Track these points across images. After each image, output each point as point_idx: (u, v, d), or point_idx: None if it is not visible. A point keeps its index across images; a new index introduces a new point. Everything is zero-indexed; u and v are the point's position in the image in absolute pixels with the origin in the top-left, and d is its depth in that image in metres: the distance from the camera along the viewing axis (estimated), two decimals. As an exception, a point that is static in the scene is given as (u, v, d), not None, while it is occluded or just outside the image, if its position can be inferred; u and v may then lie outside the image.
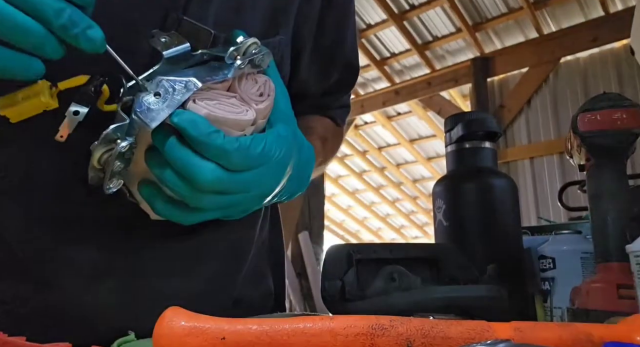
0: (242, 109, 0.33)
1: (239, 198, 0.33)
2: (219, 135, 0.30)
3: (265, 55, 0.35)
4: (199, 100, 0.32)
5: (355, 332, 0.27)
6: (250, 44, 0.34)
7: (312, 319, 0.28)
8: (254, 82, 0.35)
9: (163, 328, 0.28)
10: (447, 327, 0.27)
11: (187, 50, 0.34)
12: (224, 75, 0.33)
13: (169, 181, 0.32)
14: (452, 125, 0.55)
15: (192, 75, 0.32)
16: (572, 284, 0.46)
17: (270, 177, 0.34)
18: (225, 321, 0.29)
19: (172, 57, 0.33)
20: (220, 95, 0.33)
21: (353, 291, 0.37)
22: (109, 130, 0.31)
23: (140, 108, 0.31)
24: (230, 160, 0.31)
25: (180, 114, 0.30)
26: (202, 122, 0.30)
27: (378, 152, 4.77)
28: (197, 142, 0.30)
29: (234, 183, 0.32)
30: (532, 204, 3.17)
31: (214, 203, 0.33)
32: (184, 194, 0.32)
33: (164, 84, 0.32)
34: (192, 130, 0.30)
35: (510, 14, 3.22)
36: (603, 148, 0.42)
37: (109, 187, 0.32)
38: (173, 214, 0.34)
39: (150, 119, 0.31)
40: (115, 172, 0.31)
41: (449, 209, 0.52)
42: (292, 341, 0.27)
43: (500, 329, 0.27)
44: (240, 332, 0.28)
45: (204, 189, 0.31)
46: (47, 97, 0.30)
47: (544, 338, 0.26)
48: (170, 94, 0.31)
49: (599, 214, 0.42)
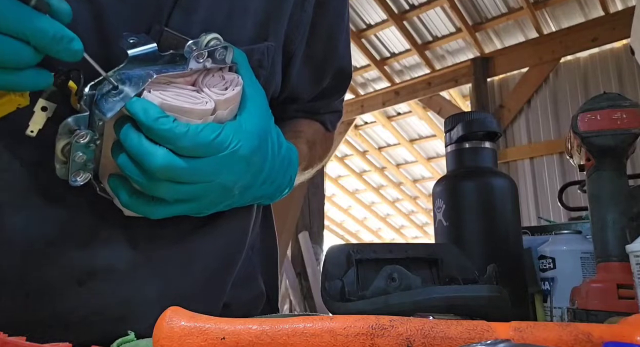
0: (202, 100, 0.34)
1: (199, 189, 0.33)
2: (167, 120, 0.31)
3: (227, 50, 0.35)
4: (154, 91, 0.33)
5: (355, 332, 0.27)
6: (210, 39, 0.34)
7: (312, 319, 0.28)
8: (220, 78, 0.36)
9: (163, 328, 0.28)
10: (447, 327, 0.27)
11: (153, 50, 0.35)
12: (182, 68, 0.34)
13: (125, 167, 0.32)
14: (452, 125, 0.55)
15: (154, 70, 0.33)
16: (572, 284, 0.46)
17: (227, 169, 0.34)
18: (225, 321, 0.29)
19: (137, 55, 0.34)
20: (179, 88, 0.34)
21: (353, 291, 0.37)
22: (68, 120, 0.31)
23: (99, 100, 0.32)
24: (178, 144, 0.31)
25: (133, 102, 0.32)
26: (152, 108, 0.31)
27: (378, 152, 4.77)
28: (147, 128, 0.31)
29: (186, 170, 0.32)
30: (532, 204, 3.17)
31: (172, 192, 0.33)
32: (140, 181, 0.32)
33: (121, 77, 0.33)
34: (142, 116, 0.31)
35: (510, 14, 3.22)
36: (603, 148, 0.42)
37: (74, 179, 0.32)
38: (138, 206, 0.34)
39: (107, 109, 0.32)
40: (78, 164, 0.32)
41: (449, 209, 0.52)
42: (292, 341, 0.27)
43: (500, 329, 0.27)
44: (240, 332, 0.28)
45: (156, 175, 0.32)
46: (19, 95, 0.31)
47: (544, 338, 0.26)
48: (127, 86, 0.32)
49: (599, 214, 0.42)
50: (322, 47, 0.51)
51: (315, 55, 0.51)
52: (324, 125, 0.57)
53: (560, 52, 3.16)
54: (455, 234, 0.51)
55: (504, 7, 3.22)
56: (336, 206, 5.67)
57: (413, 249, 0.41)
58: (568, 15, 3.15)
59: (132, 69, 0.34)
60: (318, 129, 0.56)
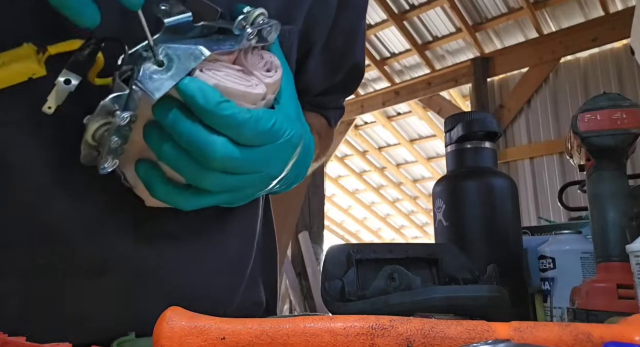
0: (252, 82, 0.31)
1: (248, 179, 0.31)
2: (229, 105, 0.28)
3: (274, 27, 0.32)
4: (207, 70, 0.29)
5: (355, 332, 0.27)
6: (257, 14, 0.31)
7: (312, 319, 0.28)
8: (259, 57, 0.32)
9: (163, 328, 0.28)
10: (447, 328, 0.27)
11: (188, 20, 0.31)
12: (231, 45, 0.30)
13: (171, 158, 0.29)
14: (452, 125, 0.55)
15: (196, 43, 0.30)
16: (572, 284, 0.46)
17: (280, 157, 0.32)
18: (225, 321, 0.29)
19: (173, 26, 0.30)
20: (227, 67, 0.31)
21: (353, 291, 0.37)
22: (107, 101, 0.27)
23: (142, 77, 0.28)
24: (241, 132, 0.28)
25: (188, 81, 0.28)
26: (211, 90, 0.28)
27: (378, 152, 4.77)
28: (206, 113, 0.28)
29: (244, 160, 0.29)
30: (532, 204, 3.17)
31: (221, 184, 0.30)
32: (188, 173, 0.29)
33: (167, 52, 0.29)
34: (200, 99, 0.27)
35: (510, 14, 3.22)
36: (603, 148, 0.42)
37: (103, 166, 0.28)
38: (173, 197, 0.31)
39: (153, 89, 0.27)
40: (112, 149, 0.28)
41: (448, 209, 0.52)
42: (292, 341, 0.27)
43: (500, 329, 0.27)
44: (240, 332, 0.28)
45: (212, 166, 0.29)
46: (34, 62, 0.27)
47: (544, 338, 0.26)
48: (175, 63, 0.28)
49: (599, 214, 0.42)
50: (341, 40, 0.49)
51: (334, 48, 0.49)
52: (327, 121, 0.56)
53: (560, 52, 3.16)
54: (455, 234, 0.51)
55: (504, 7, 3.22)
56: (336, 206, 5.67)
57: (413, 249, 0.41)
58: (568, 15, 3.15)
59: (171, 41, 0.29)
60: (323, 123, 0.55)
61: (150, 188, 0.31)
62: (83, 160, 0.29)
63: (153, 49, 0.28)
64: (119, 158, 0.29)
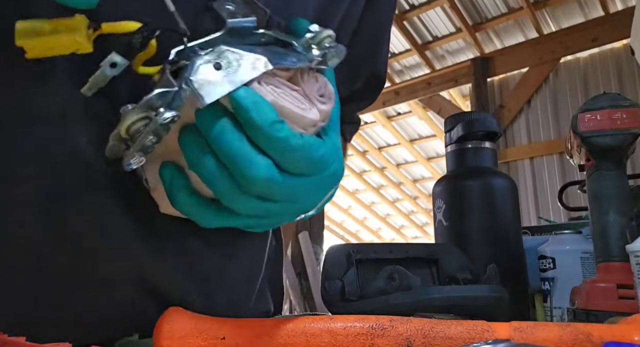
0: (307, 106, 0.28)
1: (280, 208, 0.28)
2: (283, 127, 0.25)
3: (339, 52, 0.30)
4: (265, 84, 0.27)
5: (355, 332, 0.27)
6: (325, 36, 0.29)
7: (312, 319, 0.28)
8: (314, 80, 0.30)
9: (163, 328, 0.28)
10: (447, 328, 0.27)
11: (252, 25, 0.28)
12: (292, 62, 0.28)
13: (206, 171, 0.26)
14: (452, 125, 0.55)
15: (258, 52, 0.27)
16: (572, 284, 0.46)
17: (320, 190, 0.29)
18: (225, 321, 0.29)
19: (235, 28, 0.28)
20: (284, 85, 0.28)
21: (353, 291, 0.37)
22: (153, 96, 0.25)
23: (195, 76, 0.25)
24: (290, 158, 0.26)
25: (244, 92, 0.25)
26: (267, 107, 0.25)
27: (378, 152, 4.77)
28: (258, 130, 0.25)
29: (284, 188, 0.27)
30: (532, 204, 3.17)
31: (252, 208, 0.28)
32: (222, 191, 0.27)
33: (227, 55, 0.26)
34: (255, 115, 0.25)
35: (510, 14, 3.22)
36: (603, 148, 0.42)
37: (129, 162, 0.26)
38: (195, 212, 0.29)
39: (205, 92, 0.25)
40: (144, 147, 0.25)
41: (449, 209, 0.52)
42: (292, 341, 0.27)
43: (500, 329, 0.27)
44: (240, 333, 0.28)
45: (249, 189, 0.26)
46: (83, 37, 0.24)
47: (544, 338, 0.26)
48: (234, 69, 0.26)
49: (599, 214, 0.42)
50: (363, 46, 0.47)
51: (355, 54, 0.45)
52: (343, 135, 0.54)
53: (560, 52, 3.16)
54: (455, 234, 0.51)
55: (504, 7, 3.22)
56: (336, 206, 5.67)
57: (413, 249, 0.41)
58: (568, 15, 3.15)
59: (228, 44, 0.27)
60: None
61: (172, 196, 0.29)
62: (108, 152, 0.27)
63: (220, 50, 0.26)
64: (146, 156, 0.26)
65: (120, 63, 0.26)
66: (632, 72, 2.94)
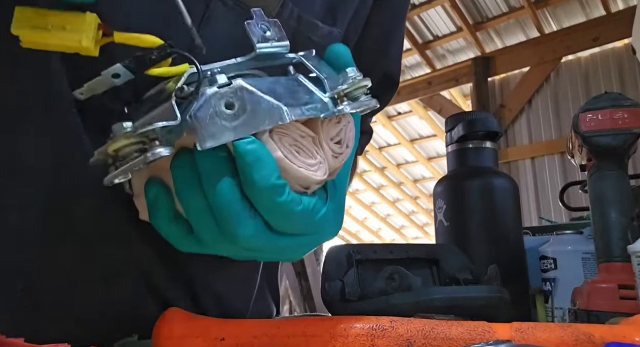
0: (317, 161, 0.25)
1: (263, 256, 0.28)
2: (283, 191, 0.24)
3: (370, 106, 0.26)
4: (276, 135, 0.24)
5: (355, 333, 0.27)
6: (362, 86, 0.26)
7: (312, 320, 0.28)
8: (336, 121, 0.27)
9: (163, 329, 0.28)
10: (447, 328, 0.27)
11: (284, 51, 0.26)
12: (315, 111, 0.24)
13: (193, 208, 0.25)
14: (453, 125, 0.55)
15: (276, 92, 0.24)
16: (574, 284, 0.46)
17: (310, 247, 0.28)
18: (225, 321, 0.29)
19: (264, 54, 0.25)
20: (296, 131, 0.25)
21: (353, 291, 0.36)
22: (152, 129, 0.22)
23: (201, 113, 0.23)
24: (284, 223, 0.25)
25: (249, 144, 0.23)
26: (269, 166, 0.23)
27: (378, 152, 4.77)
28: (255, 190, 0.23)
29: (271, 247, 0.26)
30: (533, 204, 3.17)
31: (232, 253, 0.27)
32: (205, 234, 0.26)
33: (244, 95, 0.23)
34: (255, 174, 0.23)
35: (511, 13, 3.22)
36: (604, 148, 0.41)
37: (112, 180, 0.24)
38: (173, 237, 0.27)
39: (207, 134, 0.22)
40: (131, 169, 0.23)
41: (449, 209, 0.52)
42: (292, 341, 0.27)
43: (500, 329, 0.27)
44: (240, 333, 0.28)
45: (233, 242, 0.25)
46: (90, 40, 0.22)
47: (545, 339, 0.26)
48: (247, 114, 0.23)
49: (601, 214, 0.42)
50: (372, 46, 0.44)
51: (363, 54, 0.44)
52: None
53: (562, 52, 3.16)
54: (456, 234, 0.51)
55: (505, 7, 3.22)
56: (337, 206, 5.67)
57: (414, 250, 0.41)
58: (569, 14, 3.14)
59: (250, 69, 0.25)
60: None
61: (152, 217, 0.27)
62: (92, 164, 0.25)
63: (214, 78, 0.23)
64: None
65: (123, 74, 0.24)
66: (634, 72, 2.93)
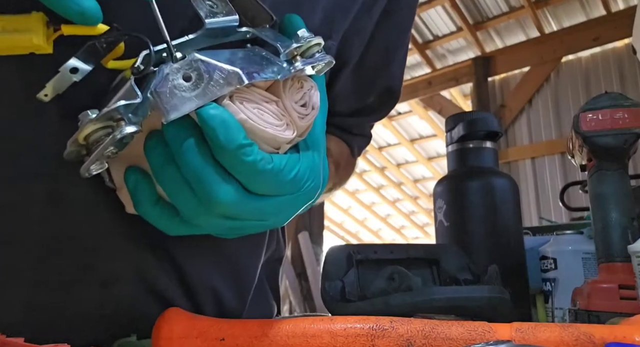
0: (283, 122, 0.26)
1: (247, 225, 0.28)
2: (252, 150, 0.24)
3: (327, 63, 0.28)
4: (237, 100, 0.25)
5: (355, 333, 0.27)
6: (314, 44, 0.27)
7: (312, 320, 0.28)
8: (299, 86, 0.28)
9: (162, 328, 0.28)
10: (447, 328, 0.27)
11: (233, 25, 0.26)
12: (273, 73, 0.26)
13: (170, 185, 0.26)
14: (453, 125, 0.55)
15: (233, 61, 0.25)
16: (574, 284, 0.46)
17: (292, 209, 0.28)
18: (225, 322, 0.29)
19: (214, 28, 0.26)
20: (260, 97, 0.26)
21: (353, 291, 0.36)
22: (114, 108, 0.23)
23: (161, 88, 0.24)
24: (257, 182, 0.25)
25: (212, 110, 0.24)
26: (235, 128, 0.24)
27: (378, 152, 4.77)
28: (224, 153, 0.24)
29: (251, 209, 0.26)
30: (533, 204, 3.17)
31: (215, 225, 0.27)
32: (185, 208, 0.26)
33: (199, 65, 0.24)
34: (222, 136, 0.24)
35: (512, 13, 3.21)
36: (605, 148, 0.41)
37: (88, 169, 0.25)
38: (158, 220, 0.28)
39: (170, 107, 0.24)
40: (103, 156, 0.24)
41: (449, 209, 0.52)
42: (292, 342, 0.27)
43: (501, 330, 0.26)
44: (240, 334, 0.28)
45: (212, 210, 0.26)
46: (40, 38, 0.23)
47: (545, 339, 0.25)
48: (205, 82, 0.24)
49: (601, 214, 0.42)
50: (375, 60, 0.45)
51: (366, 68, 0.45)
52: (351, 150, 0.52)
53: (562, 52, 3.16)
54: (456, 234, 0.51)
55: (505, 6, 3.22)
56: (336, 206, 5.67)
57: (414, 250, 0.41)
58: (569, 14, 3.14)
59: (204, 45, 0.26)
60: (344, 151, 0.51)
61: (135, 204, 0.28)
62: (66, 157, 0.26)
63: (172, 55, 0.24)
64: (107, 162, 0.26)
65: (82, 68, 0.24)
66: (634, 72, 2.93)
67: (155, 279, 0.36)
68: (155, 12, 0.24)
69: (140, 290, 0.36)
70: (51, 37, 0.24)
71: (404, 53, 0.50)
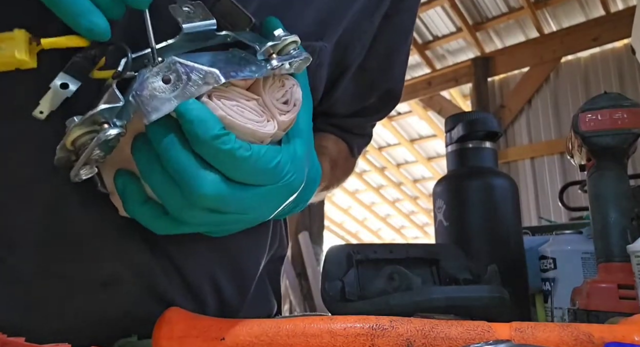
0: (263, 118, 0.27)
1: (232, 218, 0.28)
2: (229, 139, 0.25)
3: (304, 60, 0.29)
4: (216, 98, 0.26)
5: (355, 332, 0.27)
6: (289, 42, 0.28)
7: (312, 320, 0.28)
8: (280, 85, 0.29)
9: (163, 328, 0.28)
10: (447, 328, 0.27)
11: (211, 28, 0.28)
12: (251, 72, 0.27)
13: (156, 183, 0.27)
14: (453, 125, 0.55)
15: (212, 63, 0.26)
16: (573, 284, 0.46)
17: (273, 201, 0.29)
18: (225, 321, 0.29)
19: (192, 33, 0.27)
20: (239, 96, 0.27)
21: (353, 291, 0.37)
22: (96, 112, 0.24)
23: (141, 91, 0.25)
24: (237, 170, 0.26)
25: (190, 105, 0.25)
26: (211, 120, 0.25)
27: (378, 152, 4.77)
28: (202, 144, 0.25)
29: (234, 201, 0.27)
30: (532, 204, 3.17)
31: (201, 220, 0.28)
32: (170, 204, 0.27)
33: (177, 68, 0.25)
34: (198, 128, 0.25)
35: (511, 14, 3.22)
36: (604, 148, 0.42)
37: (77, 173, 0.26)
38: (147, 219, 0.29)
39: (151, 108, 0.25)
40: (91, 160, 0.25)
41: (449, 209, 0.52)
42: (292, 341, 0.27)
43: (500, 329, 0.27)
44: (240, 333, 0.28)
45: (197, 203, 0.26)
46: (23, 52, 0.24)
47: (545, 339, 0.26)
48: (183, 83, 0.25)
49: (600, 214, 0.42)
50: (376, 63, 0.46)
51: (367, 71, 0.45)
52: (350, 149, 0.52)
53: (561, 52, 3.16)
54: (456, 234, 0.51)
55: (505, 7, 3.22)
56: (336, 206, 5.67)
57: (413, 250, 0.41)
58: (569, 14, 3.15)
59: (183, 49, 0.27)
60: (342, 150, 0.51)
61: (125, 203, 0.29)
62: (57, 163, 0.26)
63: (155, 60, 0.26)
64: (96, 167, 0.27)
65: (70, 84, 0.25)
66: (633, 72, 2.94)
67: (155, 279, 0.36)
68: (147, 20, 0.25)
69: (140, 290, 0.36)
70: (34, 51, 0.25)
71: (405, 56, 0.50)
